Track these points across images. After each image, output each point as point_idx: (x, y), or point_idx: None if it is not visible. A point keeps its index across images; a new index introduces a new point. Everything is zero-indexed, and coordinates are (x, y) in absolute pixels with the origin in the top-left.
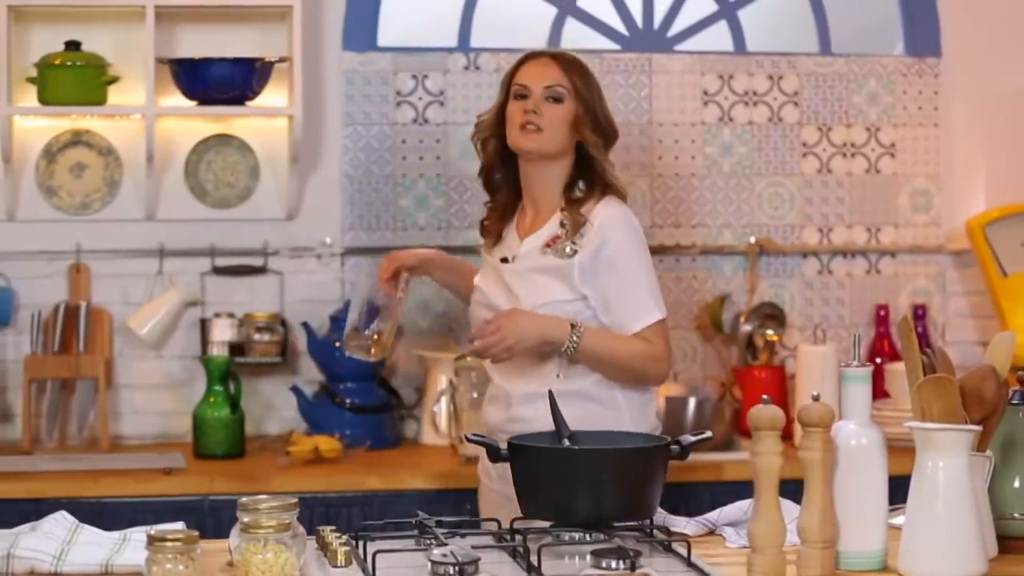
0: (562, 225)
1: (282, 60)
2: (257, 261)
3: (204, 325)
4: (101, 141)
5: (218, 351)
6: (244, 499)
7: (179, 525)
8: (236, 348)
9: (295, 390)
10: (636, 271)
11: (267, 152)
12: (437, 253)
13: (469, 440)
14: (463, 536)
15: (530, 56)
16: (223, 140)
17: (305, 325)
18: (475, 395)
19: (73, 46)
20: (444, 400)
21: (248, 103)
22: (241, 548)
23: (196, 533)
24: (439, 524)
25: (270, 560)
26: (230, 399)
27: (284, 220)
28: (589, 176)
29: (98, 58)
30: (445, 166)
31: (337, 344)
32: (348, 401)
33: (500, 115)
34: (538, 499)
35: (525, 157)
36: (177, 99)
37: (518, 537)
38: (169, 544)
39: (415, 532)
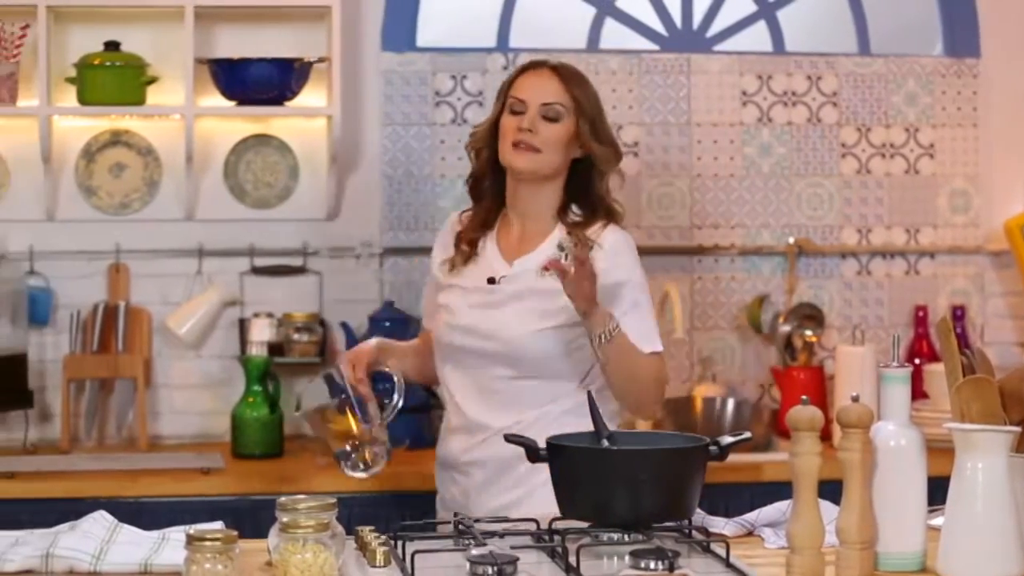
0: (560, 248)
1: (321, 60)
2: (296, 261)
3: (243, 325)
4: (140, 141)
5: (257, 351)
6: (283, 499)
7: (218, 525)
8: (275, 348)
9: None
10: (642, 299)
11: (306, 152)
12: (383, 340)
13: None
14: (501, 536)
15: (529, 67)
16: (262, 140)
17: (344, 325)
18: None
19: (112, 46)
20: None
21: (287, 103)
22: (280, 548)
23: (235, 533)
24: (478, 524)
25: (309, 560)
26: (269, 399)
27: (323, 220)
28: (586, 198)
29: (137, 58)
30: None
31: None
32: (387, 401)
33: (495, 126)
34: (576, 499)
35: (516, 176)
36: (216, 99)
37: (557, 537)
38: (208, 544)
39: (454, 532)
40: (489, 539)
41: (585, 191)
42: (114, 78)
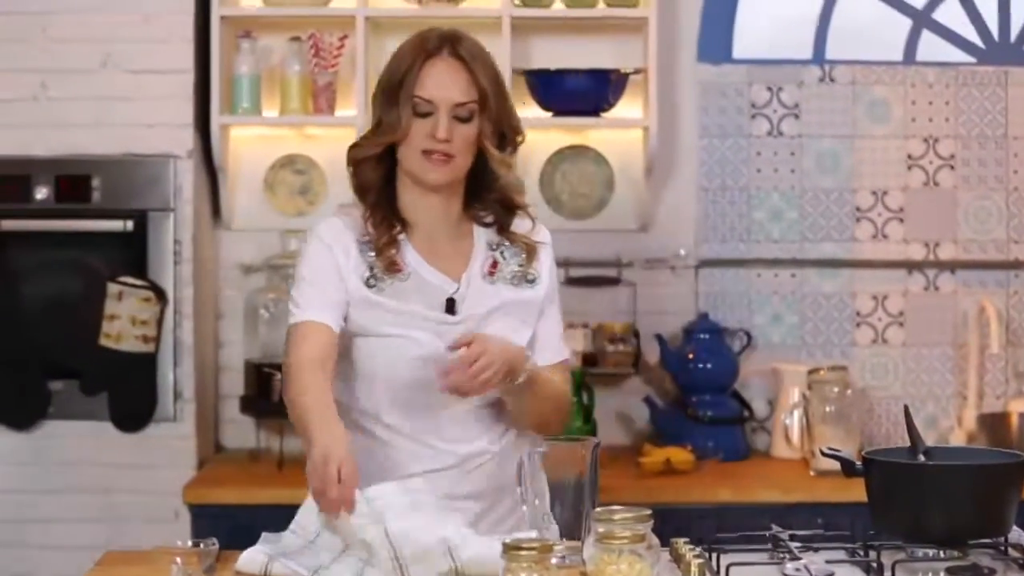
0: (492, 248)
1: (637, 72)
2: (611, 272)
3: None
4: None
5: (571, 361)
6: (598, 509)
7: (532, 534)
8: (589, 358)
9: (648, 401)
10: (558, 304)
11: (622, 163)
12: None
13: (824, 454)
14: (816, 551)
15: (431, 54)
16: (578, 151)
17: (658, 337)
18: (828, 409)
19: None
20: (796, 413)
21: (603, 114)
22: (595, 558)
23: (551, 542)
24: (793, 538)
25: (624, 571)
26: (583, 409)
27: (638, 231)
28: (490, 189)
29: None
30: (800, 179)
31: (691, 355)
32: (701, 413)
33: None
34: (892, 514)
35: (427, 187)
36: (532, 110)
37: (872, 553)
38: (524, 553)
39: (768, 545)
40: (804, 553)
41: (488, 182)
42: None
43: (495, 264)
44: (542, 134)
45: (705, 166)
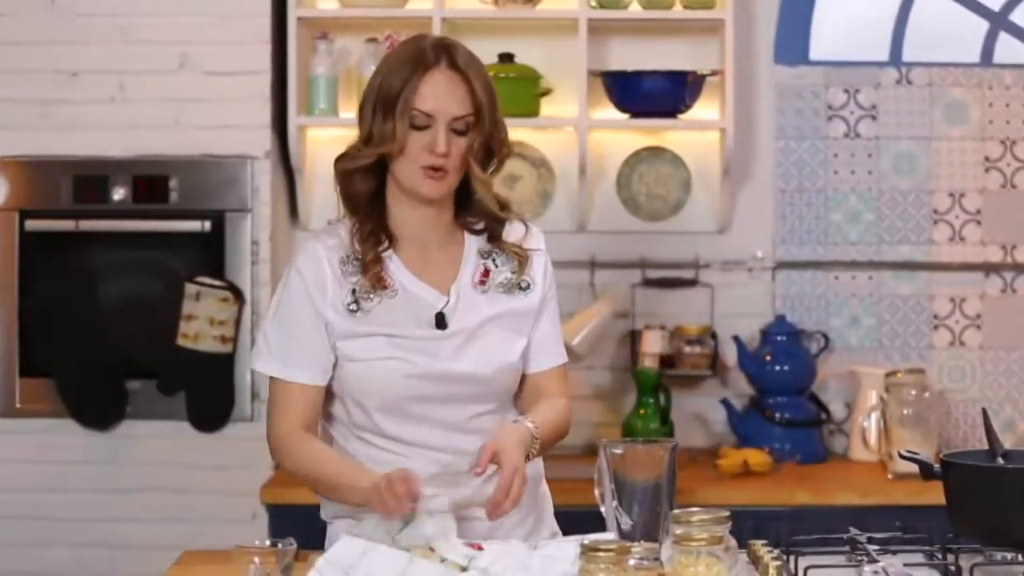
0: (483, 256)
1: (714, 73)
2: (688, 274)
3: (634, 337)
4: (534, 152)
5: (649, 363)
6: (676, 511)
7: (610, 535)
8: (666, 360)
9: (725, 403)
10: (557, 306)
11: (699, 165)
12: None
13: (903, 457)
14: (894, 553)
15: (429, 66)
16: (655, 153)
17: (736, 339)
18: (906, 412)
19: (506, 58)
20: (874, 416)
21: (680, 116)
22: (673, 560)
23: (629, 544)
24: (871, 540)
25: (702, 573)
26: (660, 411)
27: (715, 233)
28: (478, 199)
29: (531, 70)
30: (877, 180)
31: (769, 357)
32: (778, 415)
33: (391, 139)
34: (970, 517)
35: (421, 201)
36: (609, 111)
37: (950, 556)
38: (602, 554)
39: (846, 548)
40: (882, 556)
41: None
42: (508, 90)
43: (487, 272)
44: (619, 135)
45: (782, 168)
